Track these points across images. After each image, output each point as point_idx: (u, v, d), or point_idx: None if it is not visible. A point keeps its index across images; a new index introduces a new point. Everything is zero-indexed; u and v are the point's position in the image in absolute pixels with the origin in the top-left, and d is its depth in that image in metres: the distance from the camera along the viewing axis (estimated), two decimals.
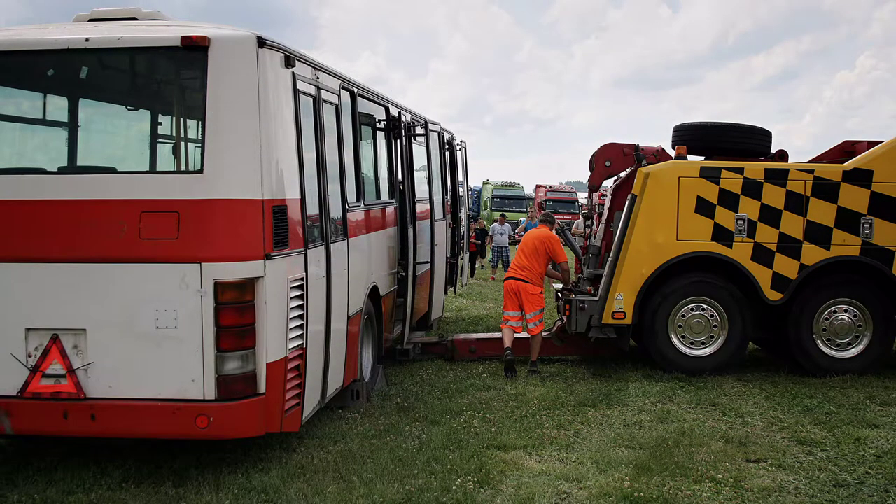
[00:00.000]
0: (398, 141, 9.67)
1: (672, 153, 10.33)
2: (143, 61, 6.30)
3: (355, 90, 8.16)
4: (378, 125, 9.41)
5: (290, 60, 6.16)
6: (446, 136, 12.75)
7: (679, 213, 9.51)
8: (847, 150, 10.29)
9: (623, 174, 10.79)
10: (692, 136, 10.36)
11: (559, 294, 10.65)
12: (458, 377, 9.53)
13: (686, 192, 9.52)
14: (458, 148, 13.73)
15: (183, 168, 6.49)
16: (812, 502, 5.87)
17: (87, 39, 5.82)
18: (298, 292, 6.13)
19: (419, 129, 10.75)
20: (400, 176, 9.71)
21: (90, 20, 6.44)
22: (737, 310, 9.66)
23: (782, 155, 10.45)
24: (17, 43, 5.97)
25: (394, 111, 9.74)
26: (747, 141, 10.29)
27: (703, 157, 10.36)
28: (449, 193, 12.89)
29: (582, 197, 39.26)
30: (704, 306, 9.70)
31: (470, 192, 30.13)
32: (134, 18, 6.41)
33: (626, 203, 9.70)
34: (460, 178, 13.97)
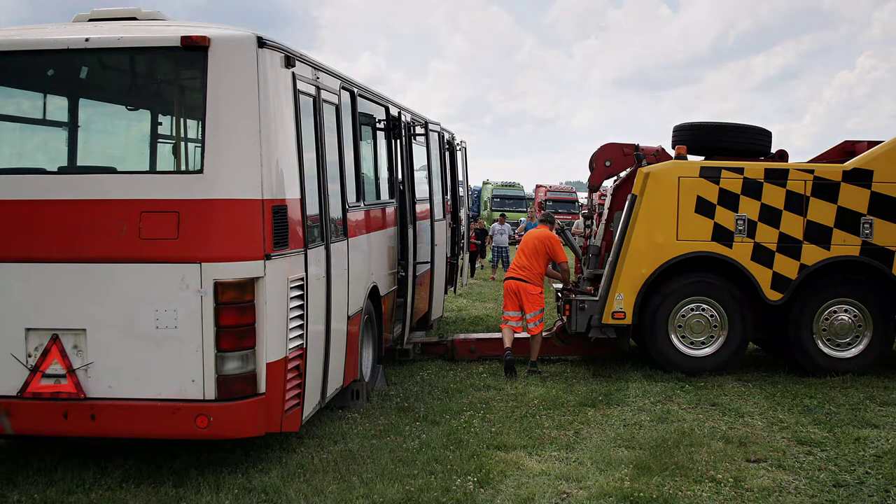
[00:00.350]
0: (398, 141, 9.67)
1: (672, 153, 10.34)
2: (143, 61, 6.29)
3: (355, 90, 8.16)
4: (378, 125, 9.41)
5: (290, 60, 6.16)
6: (446, 136, 12.75)
7: (679, 213, 9.51)
8: (847, 150, 10.30)
9: (623, 174, 10.79)
10: (692, 136, 10.36)
11: (559, 294, 10.65)
12: (458, 377, 9.53)
13: (686, 192, 9.52)
14: (458, 148, 13.73)
15: (183, 168, 6.48)
16: (812, 502, 5.87)
17: (87, 39, 5.82)
18: (298, 292, 6.13)
19: (419, 129, 10.75)
20: (400, 176, 9.71)
21: (90, 20, 6.43)
22: (737, 310, 9.66)
23: (782, 155, 10.45)
24: (17, 43, 5.96)
25: (394, 111, 9.73)
26: (747, 141, 10.29)
27: (703, 157, 10.36)
28: (449, 193, 12.89)
29: (582, 197, 39.25)
30: (704, 306, 9.70)
31: (470, 192, 30.13)
32: (134, 18, 6.40)
33: (626, 203, 9.71)
34: (460, 178, 13.98)
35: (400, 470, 6.24)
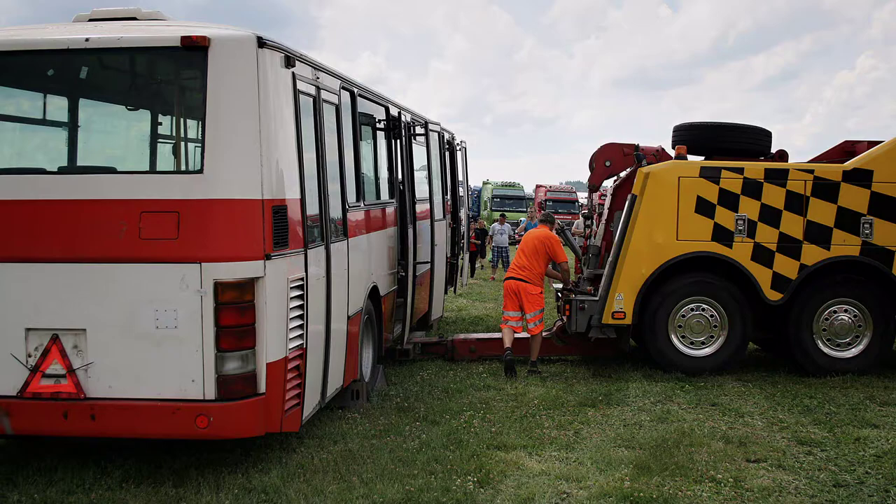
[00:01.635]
0: (398, 141, 9.67)
1: (672, 153, 10.34)
2: (143, 61, 6.30)
3: (355, 90, 8.16)
4: (378, 125, 9.41)
5: (290, 60, 6.16)
6: (446, 136, 12.75)
7: (679, 213, 9.51)
8: (847, 150, 10.30)
9: (623, 174, 10.80)
10: (692, 136, 10.36)
11: (559, 294, 10.65)
12: (458, 377, 9.53)
13: (686, 192, 9.52)
14: (458, 148, 13.73)
15: (183, 168, 6.49)
16: (812, 502, 5.87)
17: (87, 39, 5.82)
18: (298, 292, 6.13)
19: (419, 129, 10.75)
20: (400, 176, 9.71)
21: (90, 20, 6.44)
22: (737, 310, 9.66)
23: (782, 155, 10.46)
24: (17, 43, 5.97)
25: (394, 111, 9.73)
26: (747, 141, 10.29)
27: (703, 157, 10.36)
28: (449, 193, 12.89)
29: (582, 197, 39.24)
30: (704, 306, 9.70)
31: (470, 192, 30.12)
32: (134, 18, 6.41)
33: (626, 203, 9.71)
34: (460, 178, 13.98)
35: (400, 470, 6.24)
